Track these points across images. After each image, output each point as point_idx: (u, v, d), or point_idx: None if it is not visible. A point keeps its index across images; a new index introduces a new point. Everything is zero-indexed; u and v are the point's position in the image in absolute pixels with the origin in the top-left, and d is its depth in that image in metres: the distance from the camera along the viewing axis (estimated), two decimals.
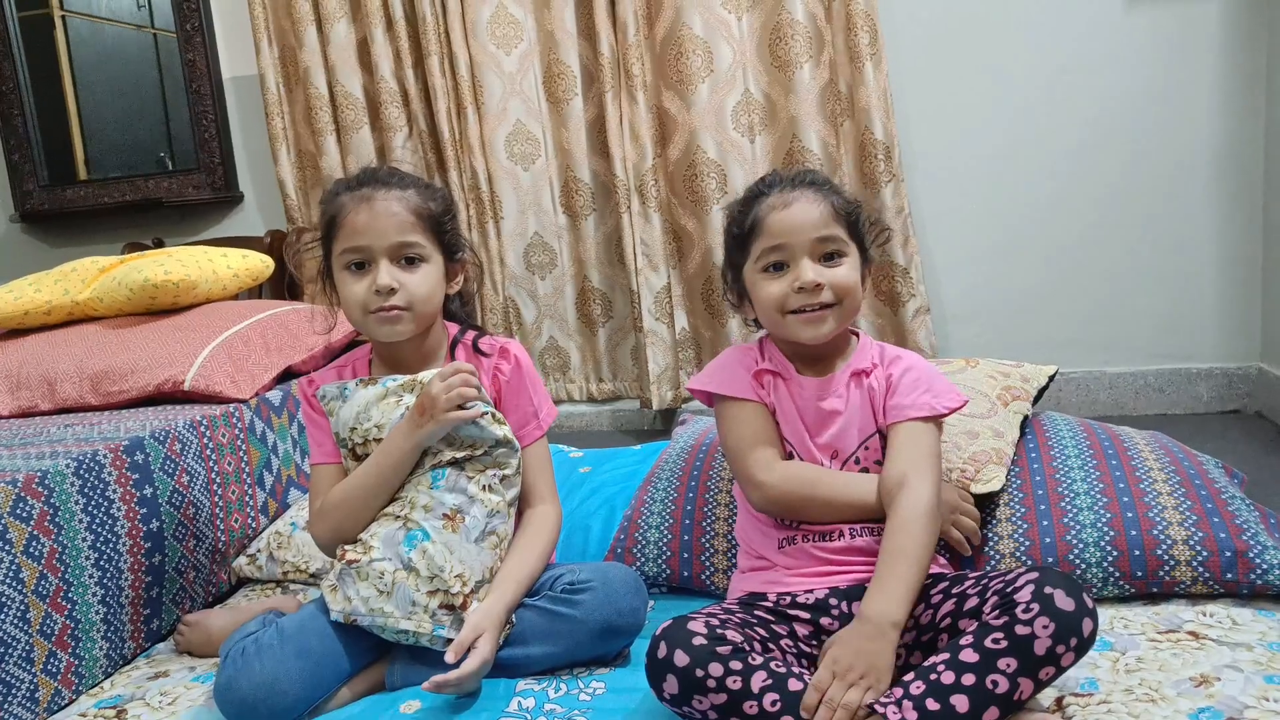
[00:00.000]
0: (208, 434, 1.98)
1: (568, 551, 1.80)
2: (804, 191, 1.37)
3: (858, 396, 1.40)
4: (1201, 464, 1.66)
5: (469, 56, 3.25)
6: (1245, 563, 1.44)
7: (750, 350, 1.48)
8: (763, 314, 1.41)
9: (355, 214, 1.47)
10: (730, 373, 1.45)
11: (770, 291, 1.37)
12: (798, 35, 2.98)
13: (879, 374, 1.41)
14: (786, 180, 1.39)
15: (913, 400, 1.37)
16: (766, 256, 1.37)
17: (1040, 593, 1.12)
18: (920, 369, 1.41)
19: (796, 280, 1.34)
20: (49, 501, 1.60)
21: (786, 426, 1.42)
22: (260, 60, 3.41)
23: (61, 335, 2.34)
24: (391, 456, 1.47)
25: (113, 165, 3.79)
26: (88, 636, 1.64)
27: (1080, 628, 1.11)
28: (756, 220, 1.38)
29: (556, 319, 3.43)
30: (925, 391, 1.38)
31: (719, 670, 1.15)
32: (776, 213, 1.36)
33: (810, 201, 1.36)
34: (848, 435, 1.40)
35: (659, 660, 1.18)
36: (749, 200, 1.41)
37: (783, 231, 1.35)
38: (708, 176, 3.11)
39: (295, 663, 1.39)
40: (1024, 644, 1.10)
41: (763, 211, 1.37)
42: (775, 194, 1.38)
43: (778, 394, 1.43)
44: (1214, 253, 2.93)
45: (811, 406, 1.41)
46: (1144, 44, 2.88)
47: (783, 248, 1.36)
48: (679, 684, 1.16)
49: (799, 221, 1.35)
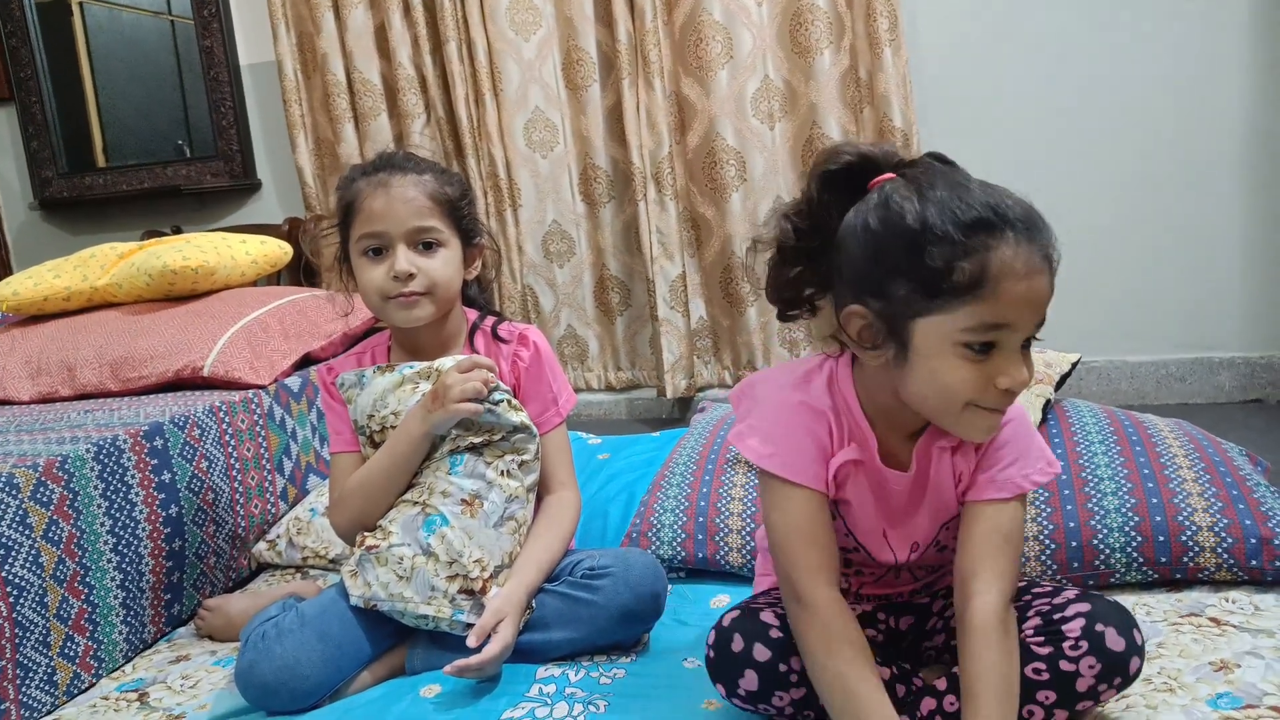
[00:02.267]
0: (227, 420, 1.99)
1: (586, 537, 1.80)
2: (1040, 254, 1.01)
3: (944, 477, 1.16)
4: (1226, 451, 1.65)
5: (487, 43, 3.24)
6: (1270, 549, 1.43)
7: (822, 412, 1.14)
8: (931, 394, 1.05)
9: (372, 199, 1.47)
10: (799, 447, 1.12)
11: (966, 379, 1.02)
12: (818, 21, 2.96)
13: (966, 449, 1.15)
14: (1022, 223, 1.00)
15: (995, 476, 1.13)
16: (982, 333, 1.00)
17: (1091, 630, 1.06)
18: (1016, 436, 1.15)
19: (1006, 379, 1.01)
20: (69, 486, 1.60)
21: (857, 523, 1.18)
22: (278, 47, 3.41)
23: (81, 321, 2.35)
24: (404, 443, 1.47)
25: (131, 152, 3.80)
26: (106, 621, 1.64)
27: (1127, 668, 1.07)
28: (986, 278, 0.98)
29: (574, 307, 3.43)
30: (1014, 463, 1.13)
31: (799, 664, 1.09)
32: (1017, 283, 0.98)
33: (1045, 273, 1.01)
34: (927, 524, 1.19)
35: (734, 655, 1.11)
36: (971, 230, 0.99)
37: (1018, 310, 1.00)
38: (727, 164, 3.10)
39: (316, 646, 1.39)
40: (1066, 680, 1.06)
41: (997, 268, 0.98)
42: (1013, 246, 0.99)
43: (853, 488, 1.16)
44: (1237, 242, 2.90)
45: (892, 497, 1.17)
46: (1167, 32, 2.84)
47: (1005, 329, 1.00)
48: (759, 680, 1.10)
49: (1037, 300, 1.01)
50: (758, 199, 3.11)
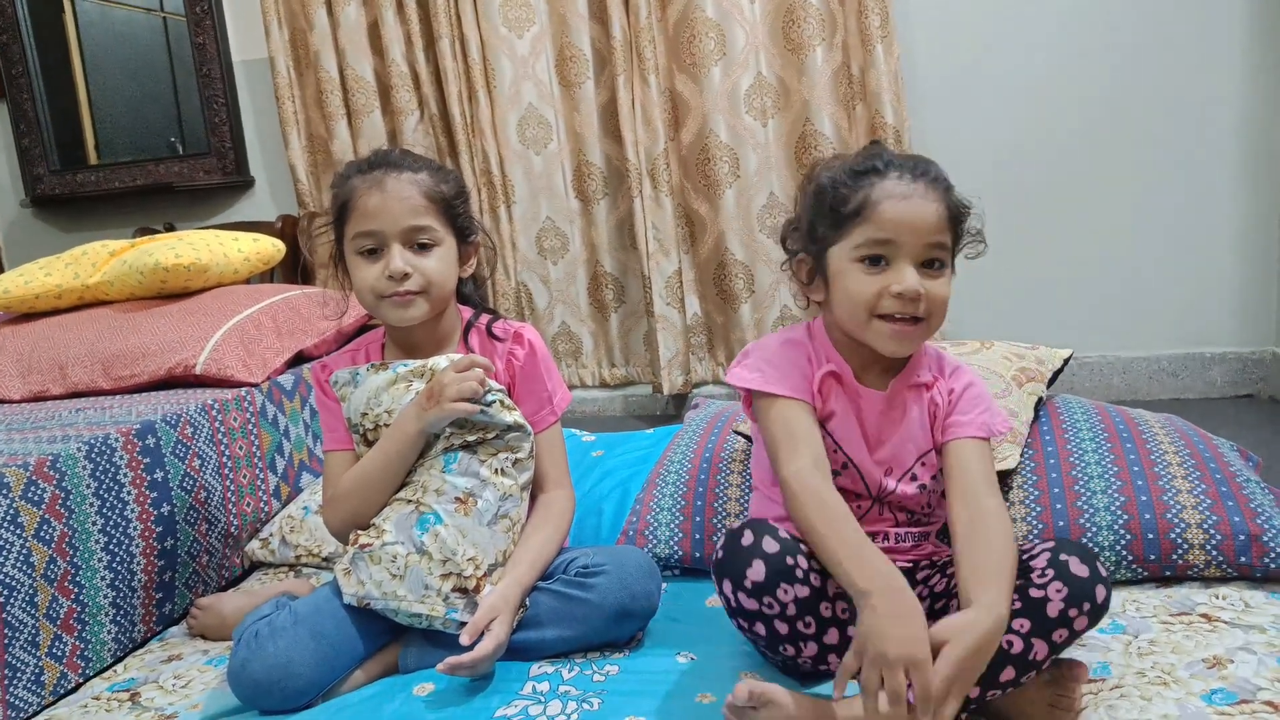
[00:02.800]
0: (219, 418, 1.98)
1: (580, 535, 1.80)
2: (926, 186, 1.23)
3: (917, 411, 1.32)
4: (1216, 447, 1.65)
5: (480, 39, 3.24)
6: (1260, 546, 1.43)
7: (802, 344, 1.34)
8: (844, 307, 1.27)
9: (367, 197, 1.46)
10: (783, 371, 1.31)
11: (863, 288, 1.23)
12: (810, 18, 2.96)
13: (941, 387, 1.33)
14: (907, 166, 1.24)
15: (972, 419, 1.31)
16: (869, 248, 1.23)
17: (1055, 559, 1.14)
18: (979, 385, 1.35)
19: (897, 285, 1.21)
20: (60, 485, 1.60)
21: (844, 437, 1.32)
22: (270, 43, 3.41)
23: (73, 319, 2.34)
24: (397, 441, 1.47)
25: (123, 149, 3.79)
26: (94, 620, 1.64)
27: (1093, 593, 1.12)
28: (867, 203, 1.22)
29: (569, 304, 3.43)
30: (985, 411, 1.32)
31: (805, 564, 1.18)
32: (893, 203, 1.22)
33: (930, 200, 1.23)
34: (905, 450, 1.32)
35: (744, 547, 1.19)
36: (859, 174, 1.25)
37: (895, 226, 1.21)
38: (720, 160, 3.10)
39: (309, 645, 1.39)
40: (1037, 606, 1.11)
41: (876, 195, 1.22)
42: (893, 179, 1.23)
43: (836, 402, 1.32)
44: (1229, 237, 2.91)
45: (872, 418, 1.32)
46: (1162, 26, 2.85)
47: (890, 244, 1.22)
48: (767, 570, 1.17)
49: (915, 220, 1.21)
50: (751, 195, 3.12)
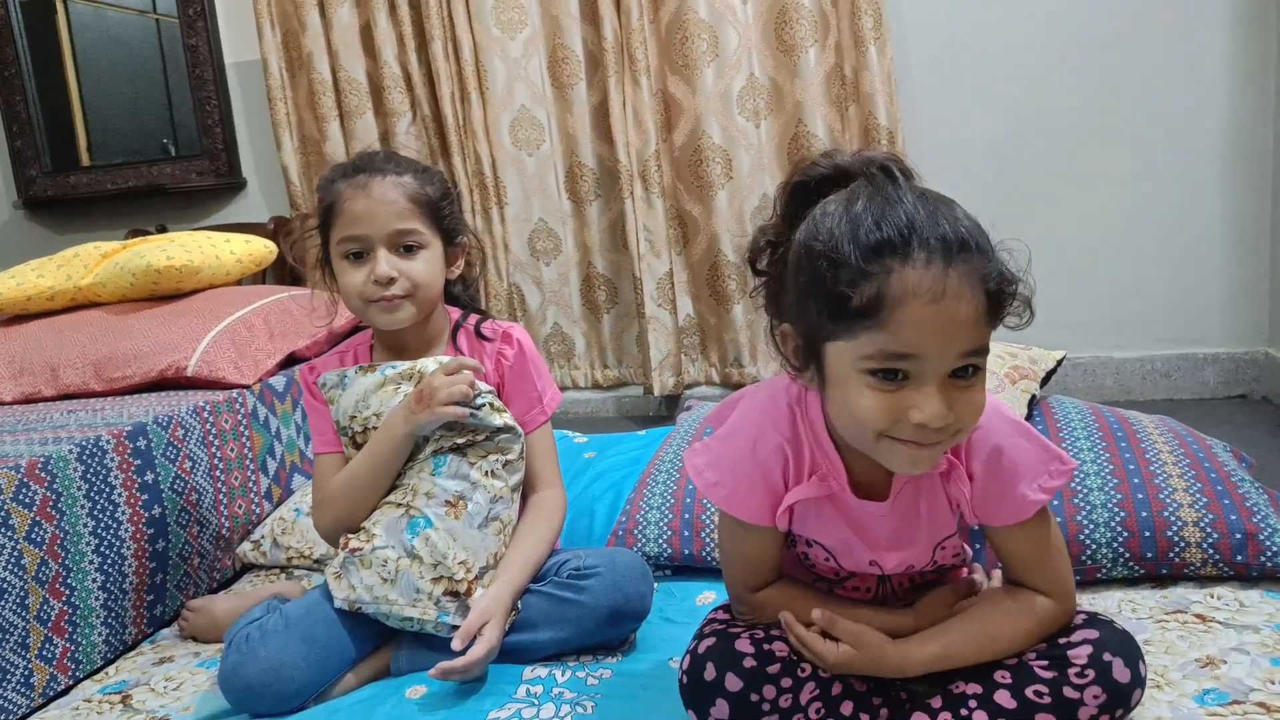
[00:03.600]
0: (210, 420, 1.98)
1: (572, 536, 1.79)
2: (963, 274, 0.91)
3: (931, 508, 1.11)
4: (1210, 447, 1.65)
5: (473, 41, 3.23)
6: (1256, 545, 1.43)
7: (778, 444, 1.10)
8: (844, 420, 1.01)
9: (352, 202, 1.46)
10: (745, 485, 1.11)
11: (873, 408, 0.95)
12: (803, 19, 2.96)
13: (958, 474, 1.08)
14: (937, 241, 0.91)
15: (1009, 505, 1.08)
16: (882, 361, 0.93)
17: (1099, 659, 1.03)
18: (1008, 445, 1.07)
19: (919, 414, 0.93)
20: (52, 487, 1.59)
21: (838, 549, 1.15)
22: (263, 45, 3.40)
23: (65, 321, 2.34)
24: (385, 444, 1.46)
25: (116, 151, 3.78)
26: (85, 622, 1.63)
27: (1129, 699, 1.04)
28: (883, 302, 0.91)
29: (561, 305, 3.42)
30: (1022, 480, 1.06)
31: (772, 692, 1.08)
32: (920, 307, 0.90)
33: (968, 299, 0.91)
34: (921, 550, 1.14)
35: (707, 684, 1.08)
36: (871, 255, 0.92)
37: (920, 340, 0.91)
38: (713, 162, 3.10)
39: (300, 648, 1.39)
40: (1069, 708, 1.03)
41: (896, 293, 0.90)
42: (919, 269, 0.90)
43: (822, 515, 1.12)
44: (1222, 237, 2.91)
45: (872, 533, 1.12)
46: (1152, 26, 2.85)
47: (911, 359, 0.93)
48: (730, 709, 1.08)
49: (947, 330, 0.91)
50: (744, 197, 3.11)
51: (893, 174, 0.97)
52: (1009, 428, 1.09)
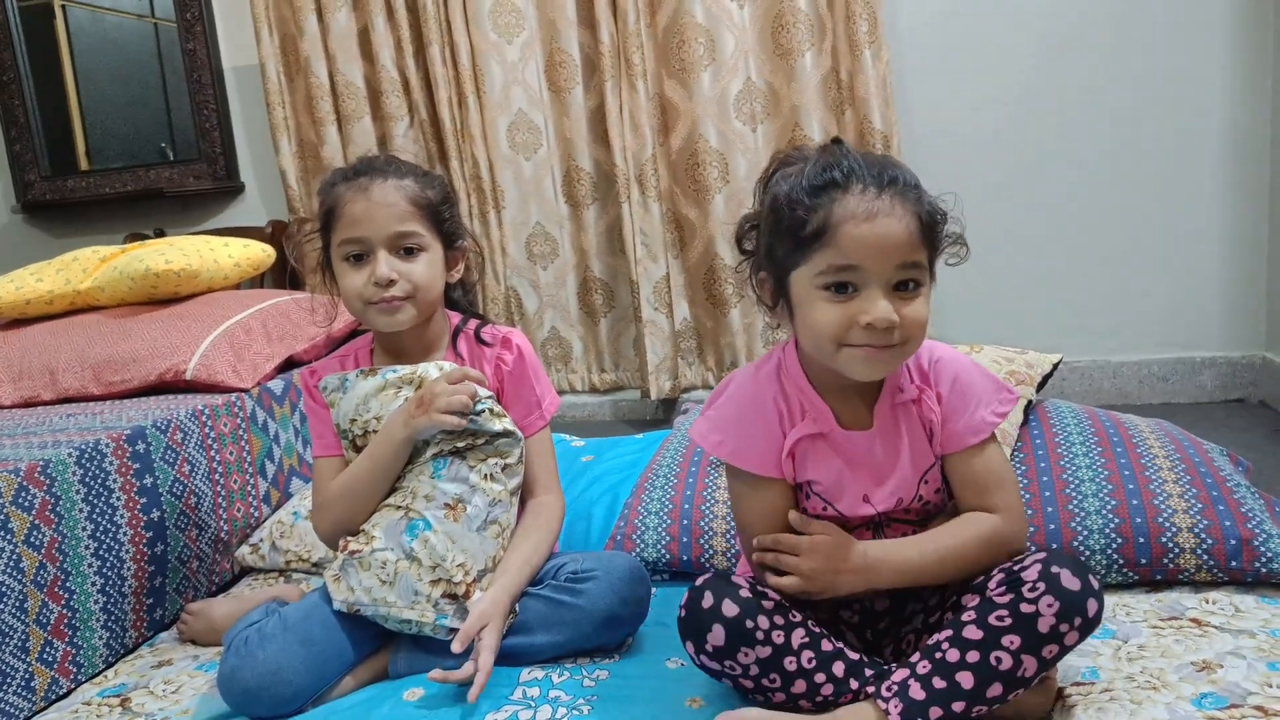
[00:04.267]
0: (209, 423, 1.98)
1: (570, 540, 1.80)
2: (893, 199, 1.10)
3: (911, 432, 1.22)
4: (1206, 451, 1.66)
5: (470, 45, 3.24)
6: (1250, 550, 1.44)
7: (771, 395, 1.23)
8: (809, 337, 1.16)
9: (353, 204, 1.46)
10: (747, 436, 1.23)
11: (829, 319, 1.11)
12: (799, 23, 2.97)
13: (928, 397, 1.22)
14: (870, 175, 1.10)
15: (969, 422, 1.21)
16: (833, 274, 1.10)
17: (1047, 572, 1.10)
18: (965, 374, 1.23)
19: (866, 315, 1.09)
20: (50, 491, 1.60)
21: (833, 490, 1.23)
22: (261, 49, 3.40)
23: (63, 325, 2.34)
24: (384, 447, 1.47)
25: (114, 155, 3.79)
26: (86, 626, 1.64)
27: (1085, 607, 1.09)
28: (827, 225, 1.09)
29: (558, 309, 3.43)
30: (979, 405, 1.21)
31: (766, 624, 1.14)
32: (857, 225, 1.08)
33: (898, 217, 1.09)
34: (905, 483, 1.23)
35: (704, 610, 1.15)
36: (818, 191, 1.11)
37: (860, 252, 1.09)
38: (710, 165, 3.11)
39: (299, 651, 1.39)
40: (1028, 621, 1.09)
41: (838, 217, 1.09)
42: (855, 195, 1.09)
43: (817, 455, 1.23)
44: (1219, 241, 2.92)
45: (863, 464, 1.23)
46: (1149, 29, 2.86)
47: (855, 270, 1.10)
48: (726, 635, 1.14)
49: (883, 243, 1.08)
50: (740, 200, 3.12)
51: (841, 142, 1.16)
52: (965, 361, 1.25)
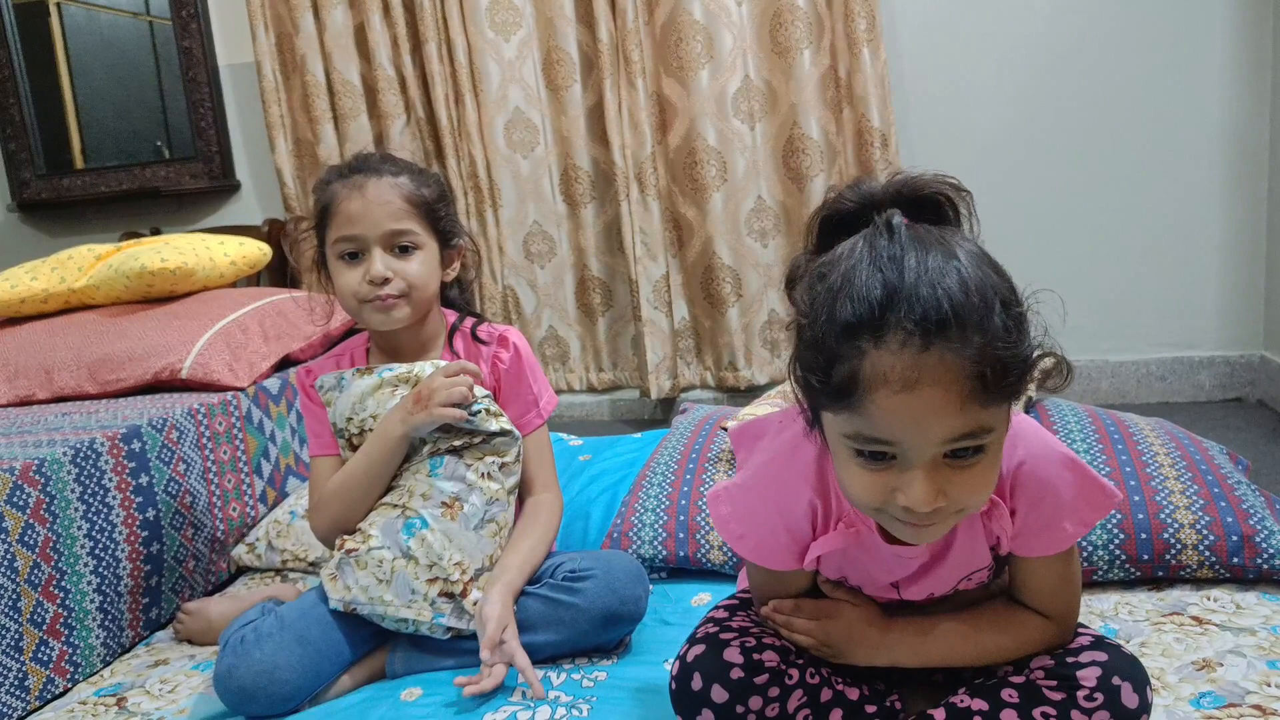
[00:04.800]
0: (205, 422, 1.97)
1: (568, 539, 1.79)
2: (943, 359, 0.83)
3: (965, 540, 1.06)
4: (1207, 450, 1.65)
5: (467, 43, 3.23)
6: (1252, 547, 1.44)
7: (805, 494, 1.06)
8: (844, 488, 0.97)
9: (348, 202, 1.46)
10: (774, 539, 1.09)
11: (861, 485, 0.92)
12: (798, 21, 2.96)
13: (1000, 513, 1.03)
14: (917, 318, 0.83)
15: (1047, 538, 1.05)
16: (862, 443, 0.89)
17: (1107, 683, 1.01)
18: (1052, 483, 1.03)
19: (903, 498, 0.88)
20: (45, 490, 1.59)
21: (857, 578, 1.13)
22: (256, 47, 3.39)
23: (59, 324, 2.33)
24: (381, 445, 1.46)
25: (109, 154, 3.77)
26: (82, 625, 1.63)
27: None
28: (856, 385, 0.85)
29: (556, 308, 3.42)
30: (1065, 518, 1.03)
31: (759, 703, 1.07)
32: (890, 395, 0.84)
33: (949, 384, 0.84)
34: (945, 580, 1.10)
35: (694, 693, 1.09)
36: (848, 334, 0.85)
37: (894, 429, 0.86)
38: (708, 164, 3.10)
39: (295, 650, 1.38)
40: None
41: (868, 377, 0.85)
42: (893, 352, 0.84)
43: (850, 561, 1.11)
44: (1217, 240, 2.92)
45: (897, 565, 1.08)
46: (1147, 29, 2.86)
47: (895, 446, 0.88)
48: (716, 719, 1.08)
49: (925, 420, 0.85)
50: (739, 200, 3.11)
51: (893, 229, 0.88)
52: (1056, 461, 1.04)
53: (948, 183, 0.94)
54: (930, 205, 0.94)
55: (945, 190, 0.94)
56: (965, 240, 0.91)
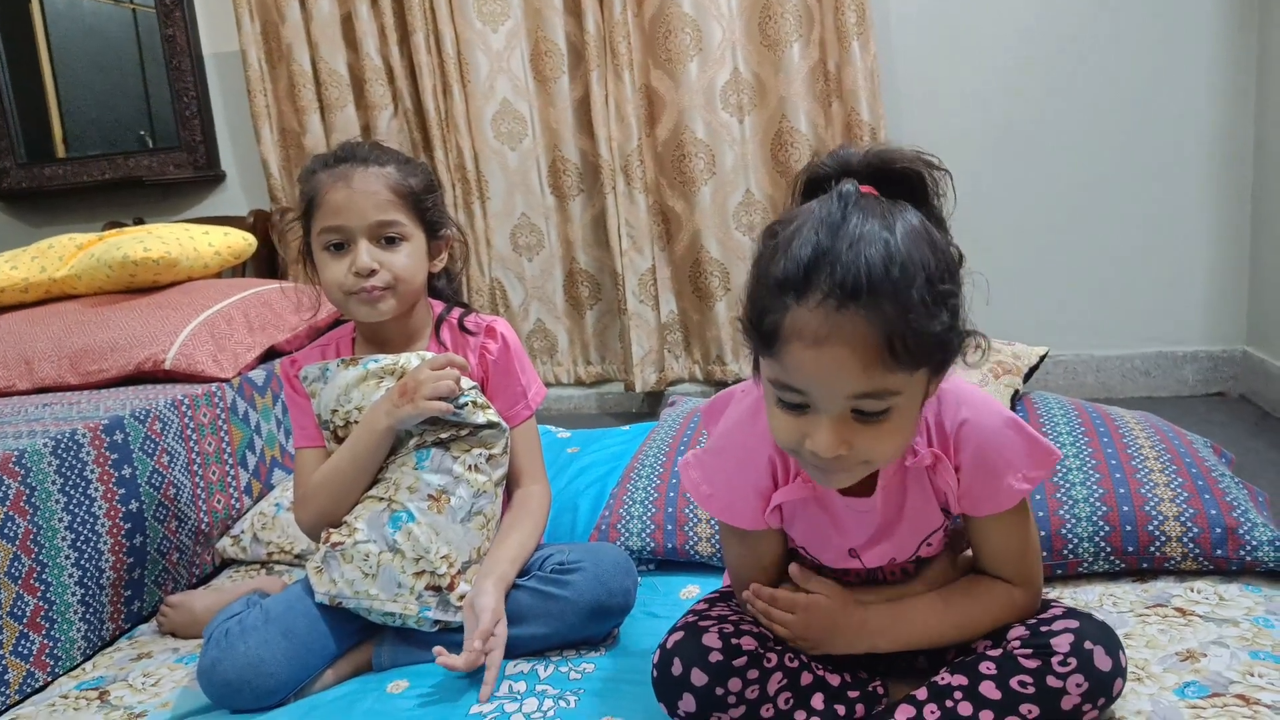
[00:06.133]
0: (189, 414, 1.96)
1: (556, 531, 1.79)
2: (853, 322, 0.89)
3: (919, 500, 1.12)
4: (1191, 443, 1.66)
5: (455, 33, 3.21)
6: (1235, 539, 1.44)
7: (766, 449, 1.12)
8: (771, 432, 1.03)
9: (333, 193, 1.44)
10: (740, 496, 1.14)
11: (779, 427, 0.99)
12: (788, 14, 2.96)
13: (945, 468, 1.09)
14: (834, 285, 0.89)
15: (994, 491, 1.08)
16: (781, 389, 0.97)
17: (1080, 647, 1.05)
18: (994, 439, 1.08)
19: (811, 444, 0.95)
20: (25, 481, 1.57)
21: (815, 545, 1.17)
22: (242, 36, 3.37)
23: (39, 313, 2.31)
24: (366, 438, 1.45)
25: (92, 143, 3.74)
26: (63, 618, 1.61)
27: (1111, 689, 1.06)
28: (778, 336, 0.93)
29: (544, 301, 3.41)
30: (1008, 471, 1.07)
31: (738, 685, 1.10)
32: (803, 349, 0.91)
33: (855, 346, 0.90)
34: (908, 544, 1.15)
35: (674, 678, 1.11)
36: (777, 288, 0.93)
37: (804, 379, 0.94)
38: (696, 157, 3.09)
39: (280, 644, 1.37)
40: (1052, 696, 1.04)
41: (787, 330, 0.92)
42: (810, 309, 0.90)
43: (802, 513, 1.15)
44: (1201, 237, 2.93)
45: (861, 523, 1.13)
46: (1135, 27, 2.86)
47: (806, 395, 0.95)
48: (697, 703, 1.10)
49: (829, 374, 0.92)
50: (727, 193, 3.11)
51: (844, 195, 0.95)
52: (997, 419, 1.09)
53: (922, 159, 1.01)
54: (901, 180, 1.00)
55: (917, 167, 1.00)
56: (912, 216, 0.96)
